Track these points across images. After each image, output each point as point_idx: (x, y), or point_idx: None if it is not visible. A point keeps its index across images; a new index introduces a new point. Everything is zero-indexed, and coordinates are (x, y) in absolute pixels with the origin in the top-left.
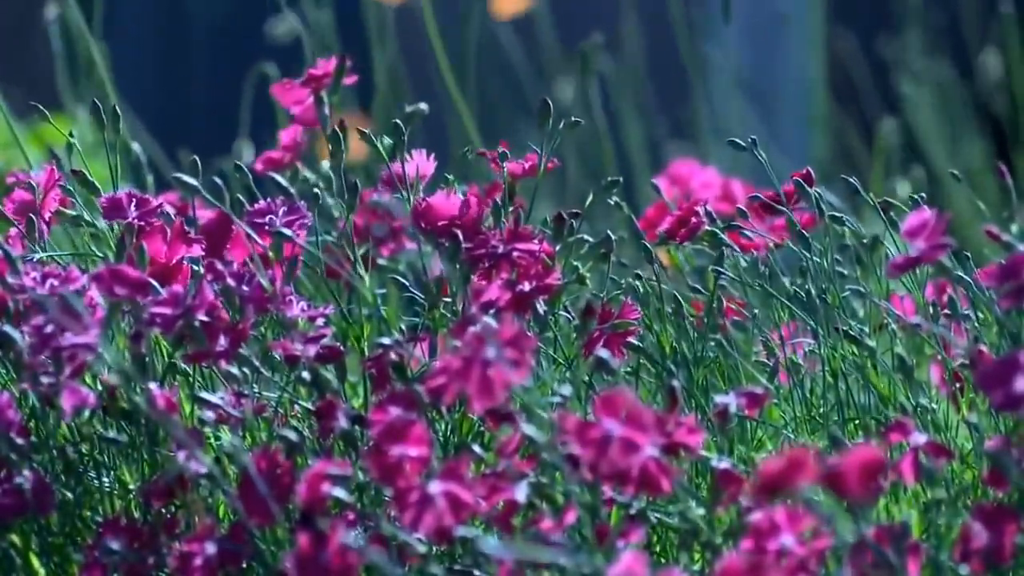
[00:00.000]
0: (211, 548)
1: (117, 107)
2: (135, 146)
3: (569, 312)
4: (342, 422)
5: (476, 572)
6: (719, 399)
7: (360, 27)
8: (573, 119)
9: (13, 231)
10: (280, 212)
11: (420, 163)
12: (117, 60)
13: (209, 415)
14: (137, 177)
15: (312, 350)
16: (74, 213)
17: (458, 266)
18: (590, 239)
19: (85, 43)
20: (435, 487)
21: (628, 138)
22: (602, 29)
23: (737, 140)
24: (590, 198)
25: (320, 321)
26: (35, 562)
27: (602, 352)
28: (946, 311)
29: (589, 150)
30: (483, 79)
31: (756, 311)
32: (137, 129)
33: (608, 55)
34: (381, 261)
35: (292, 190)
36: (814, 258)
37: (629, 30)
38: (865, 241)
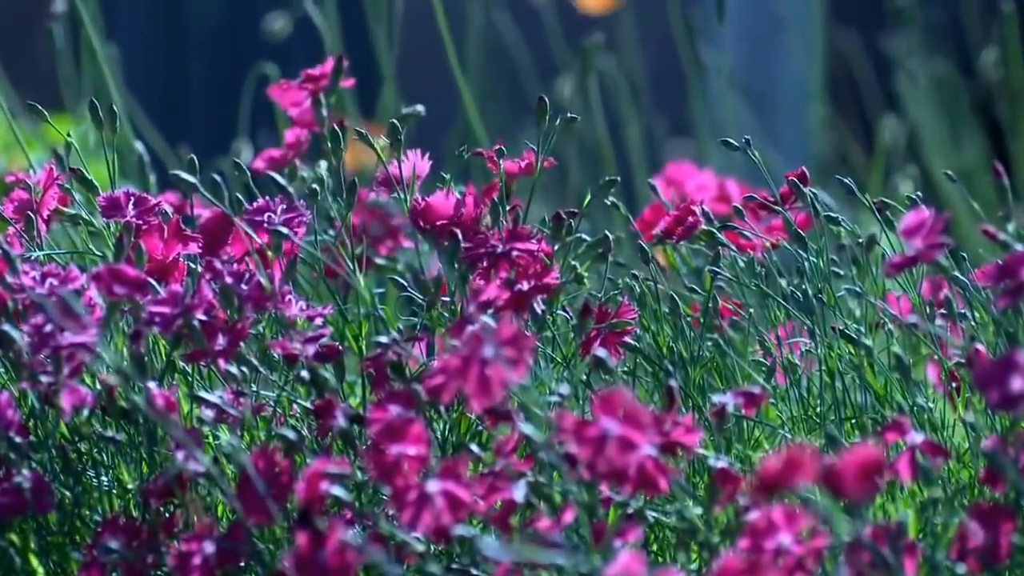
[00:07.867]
0: (209, 547)
1: (121, 105)
2: (138, 145)
3: (567, 312)
4: (340, 421)
5: (474, 571)
6: (716, 398)
7: (362, 22)
8: (569, 116)
9: (11, 230)
10: (279, 211)
11: (416, 163)
12: (119, 59)
13: (208, 414)
14: (140, 176)
15: (311, 349)
16: (72, 211)
17: (456, 265)
18: (588, 239)
19: (88, 41)
20: (433, 486)
21: (628, 138)
22: (604, 27)
23: (730, 140)
24: (588, 198)
25: (319, 320)
26: (34, 561)
27: (599, 351)
28: (942, 310)
29: (591, 149)
30: (485, 75)
31: (752, 311)
32: (142, 127)
33: (609, 54)
34: (379, 260)
35: (291, 189)
36: (810, 258)
37: (628, 29)
38: (861, 241)
